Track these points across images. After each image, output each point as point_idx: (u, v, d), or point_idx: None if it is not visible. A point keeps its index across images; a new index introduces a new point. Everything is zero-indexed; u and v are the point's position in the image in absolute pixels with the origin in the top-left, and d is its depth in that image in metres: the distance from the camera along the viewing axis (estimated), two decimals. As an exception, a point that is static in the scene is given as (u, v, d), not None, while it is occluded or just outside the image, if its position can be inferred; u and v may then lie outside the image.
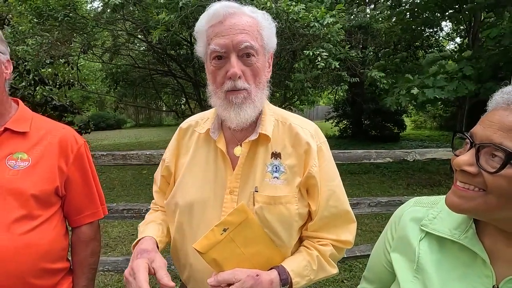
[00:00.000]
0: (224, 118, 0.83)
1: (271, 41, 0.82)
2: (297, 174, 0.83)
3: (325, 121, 11.52)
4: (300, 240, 0.89)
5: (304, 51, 3.55)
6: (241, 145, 0.85)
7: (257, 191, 0.81)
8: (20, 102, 1.03)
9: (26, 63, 5.29)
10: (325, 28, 3.31)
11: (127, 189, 5.69)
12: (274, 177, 0.82)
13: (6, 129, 0.93)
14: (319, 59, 3.43)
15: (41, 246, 0.92)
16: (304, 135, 0.85)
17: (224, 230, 0.77)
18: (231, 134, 0.86)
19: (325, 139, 0.91)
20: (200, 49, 0.83)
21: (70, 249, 1.09)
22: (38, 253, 0.92)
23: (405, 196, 2.01)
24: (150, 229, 0.91)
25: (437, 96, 4.57)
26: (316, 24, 3.29)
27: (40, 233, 0.93)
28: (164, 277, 0.70)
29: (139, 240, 0.85)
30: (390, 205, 1.95)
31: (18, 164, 0.92)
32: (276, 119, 0.88)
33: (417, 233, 0.68)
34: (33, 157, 0.94)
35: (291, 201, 0.82)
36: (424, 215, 0.69)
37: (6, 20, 6.42)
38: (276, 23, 0.86)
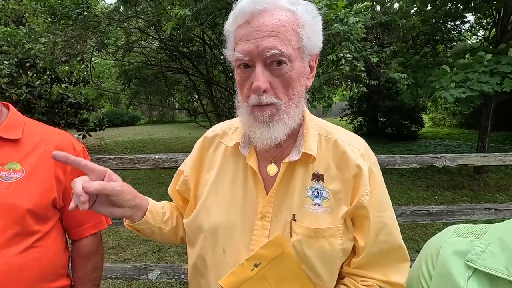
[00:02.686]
0: (250, 136, 0.70)
1: (315, 39, 0.66)
2: (342, 202, 0.69)
3: (340, 119, 11.25)
4: (339, 276, 0.75)
5: (328, 57, 3.31)
6: (274, 163, 0.73)
7: (295, 220, 0.68)
8: (11, 106, 0.95)
9: (41, 61, 5.36)
10: (346, 26, 3.08)
11: (140, 187, 5.70)
12: (315, 204, 0.69)
13: None
14: (343, 61, 3.20)
15: (38, 267, 0.85)
16: (353, 156, 0.70)
17: (256, 265, 0.66)
18: (264, 149, 0.72)
19: (376, 159, 0.76)
20: (228, 52, 0.70)
21: (70, 264, 1.01)
22: (35, 274, 0.84)
23: (433, 206, 1.84)
24: (156, 202, 0.83)
25: (484, 90, 4.08)
26: (339, 25, 3.05)
27: (37, 252, 0.85)
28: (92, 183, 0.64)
29: None
30: (416, 215, 1.79)
31: (11, 175, 0.83)
32: (319, 133, 0.74)
33: (463, 270, 0.58)
34: (27, 167, 0.86)
35: (335, 235, 0.68)
36: (468, 247, 0.59)
37: (23, 18, 6.54)
38: None
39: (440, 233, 0.66)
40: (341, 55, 3.18)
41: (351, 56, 3.19)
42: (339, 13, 3.08)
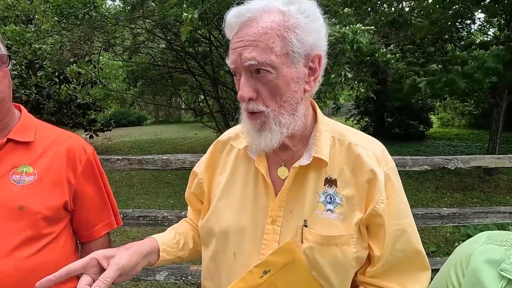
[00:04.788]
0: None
1: (309, 40, 0.62)
2: (356, 208, 0.67)
3: (346, 120, 11.16)
4: (353, 284, 0.73)
5: (327, 76, 3.39)
6: (285, 166, 0.71)
7: (306, 226, 0.66)
8: (23, 108, 0.95)
9: (49, 61, 5.43)
10: (349, 40, 3.09)
11: (146, 187, 5.73)
12: (327, 210, 0.66)
13: (9, 140, 0.85)
14: (343, 80, 3.26)
15: (48, 270, 0.83)
16: (368, 160, 0.67)
17: (265, 272, 0.64)
18: (273, 152, 0.71)
19: (393, 163, 0.72)
20: None
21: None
22: (46, 276, 0.84)
23: (444, 209, 1.80)
24: (164, 234, 0.82)
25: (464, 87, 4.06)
26: (345, 46, 3.06)
27: (48, 255, 0.85)
28: (101, 280, 0.60)
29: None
30: (427, 217, 1.76)
31: (23, 178, 0.83)
32: (332, 136, 0.71)
33: (496, 280, 0.55)
34: (39, 170, 0.86)
35: (349, 242, 0.65)
36: (503, 256, 0.56)
37: (32, 20, 6.64)
38: None
39: (471, 239, 0.63)
40: (343, 73, 3.22)
41: (350, 75, 3.25)
42: (344, 31, 3.07)
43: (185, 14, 3.23)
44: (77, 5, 4.17)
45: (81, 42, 5.25)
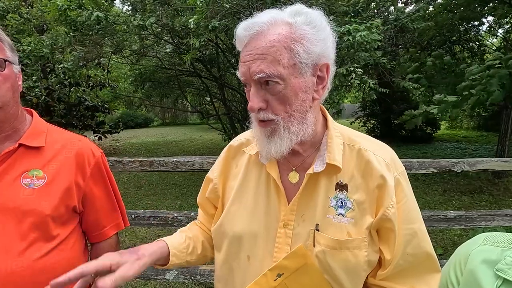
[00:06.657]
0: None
1: (316, 50, 0.64)
2: (367, 213, 0.68)
3: (351, 123, 11.10)
4: (364, 287, 0.74)
5: (338, 70, 3.35)
6: (296, 171, 0.73)
7: (318, 230, 0.68)
8: (34, 113, 0.96)
9: (61, 65, 5.58)
10: (359, 37, 3.06)
11: (154, 188, 5.80)
12: (338, 214, 0.68)
13: (20, 145, 0.87)
14: (353, 75, 3.22)
15: (59, 270, 0.85)
16: (378, 165, 0.69)
17: (279, 275, 0.67)
18: (284, 158, 0.71)
19: (403, 168, 0.73)
20: None
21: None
22: (56, 277, 0.87)
23: (451, 211, 1.81)
24: (175, 237, 0.83)
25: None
26: (350, 37, 3.05)
27: (58, 255, 0.87)
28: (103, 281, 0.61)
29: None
30: (433, 220, 1.76)
31: (34, 182, 0.85)
32: (343, 142, 0.73)
33: (492, 280, 0.57)
34: (49, 173, 0.88)
35: (360, 246, 0.67)
36: (499, 257, 0.58)
37: (44, 27, 6.81)
38: None
39: (470, 240, 0.65)
40: (352, 69, 3.19)
41: (361, 71, 3.22)
42: (350, 27, 3.07)
43: (192, 40, 3.30)
44: (90, 21, 4.30)
45: (91, 47, 5.39)
